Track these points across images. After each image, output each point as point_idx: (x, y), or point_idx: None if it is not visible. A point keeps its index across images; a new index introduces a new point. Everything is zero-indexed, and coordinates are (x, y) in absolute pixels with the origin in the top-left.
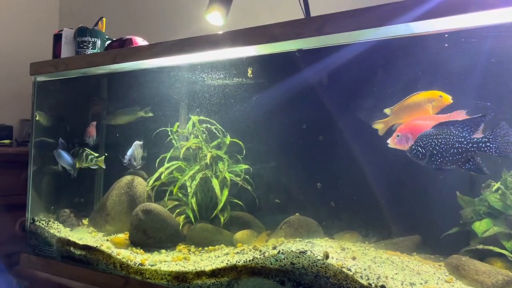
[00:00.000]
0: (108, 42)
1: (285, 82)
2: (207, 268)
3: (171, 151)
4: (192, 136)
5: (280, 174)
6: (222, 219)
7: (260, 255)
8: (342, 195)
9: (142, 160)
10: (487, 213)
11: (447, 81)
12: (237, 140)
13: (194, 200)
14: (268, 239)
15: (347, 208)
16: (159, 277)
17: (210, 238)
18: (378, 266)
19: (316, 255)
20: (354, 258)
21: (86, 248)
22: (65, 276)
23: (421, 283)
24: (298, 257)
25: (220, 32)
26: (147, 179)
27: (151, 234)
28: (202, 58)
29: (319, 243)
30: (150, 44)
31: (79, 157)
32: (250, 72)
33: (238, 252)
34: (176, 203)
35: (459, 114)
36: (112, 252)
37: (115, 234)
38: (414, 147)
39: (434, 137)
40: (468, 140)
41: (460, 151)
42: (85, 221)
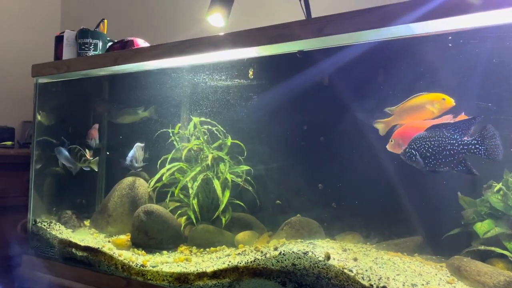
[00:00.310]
0: (110, 43)
1: (285, 83)
2: (209, 269)
3: (173, 152)
4: (193, 137)
5: (281, 175)
6: (223, 220)
7: (261, 256)
8: (344, 196)
9: (144, 162)
10: (488, 214)
11: (447, 81)
12: (238, 142)
13: (195, 201)
14: (269, 240)
15: (349, 209)
16: (161, 278)
17: (211, 239)
18: (380, 267)
19: (317, 256)
20: (355, 259)
21: (88, 249)
22: (67, 278)
23: (422, 284)
24: (300, 258)
25: (221, 33)
26: (148, 181)
27: (153, 235)
28: (203, 59)
29: (320, 244)
30: (152, 45)
31: (73, 155)
32: (251, 73)
33: (239, 253)
34: (178, 204)
35: (448, 119)
36: (113, 253)
37: (117, 236)
38: (408, 150)
39: (427, 139)
40: (459, 142)
41: (452, 153)
42: (86, 222)
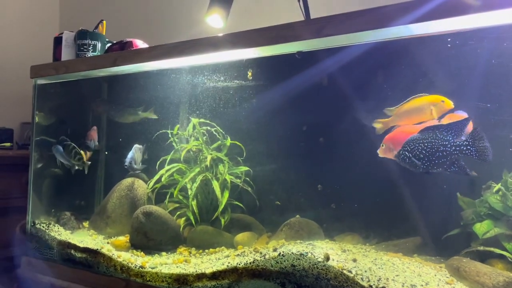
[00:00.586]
0: (109, 45)
1: (285, 84)
2: (208, 271)
3: (172, 153)
4: (192, 138)
5: (280, 176)
6: (222, 221)
7: (260, 257)
8: (343, 197)
9: (143, 164)
10: (488, 214)
11: (447, 82)
12: (237, 142)
13: (194, 203)
14: (268, 241)
15: (348, 210)
16: (160, 279)
17: (210, 240)
18: (379, 268)
19: (316, 257)
20: (354, 260)
21: (87, 250)
22: (65, 279)
23: (422, 285)
24: (299, 259)
25: (220, 34)
26: (147, 182)
27: (152, 237)
28: (202, 60)
29: (319, 245)
30: (150, 46)
31: (67, 152)
32: (250, 74)
33: (238, 254)
34: (177, 205)
35: (433, 123)
36: (112, 254)
37: (116, 237)
38: (401, 152)
39: (421, 141)
40: (452, 144)
41: (445, 154)
42: (85, 223)
